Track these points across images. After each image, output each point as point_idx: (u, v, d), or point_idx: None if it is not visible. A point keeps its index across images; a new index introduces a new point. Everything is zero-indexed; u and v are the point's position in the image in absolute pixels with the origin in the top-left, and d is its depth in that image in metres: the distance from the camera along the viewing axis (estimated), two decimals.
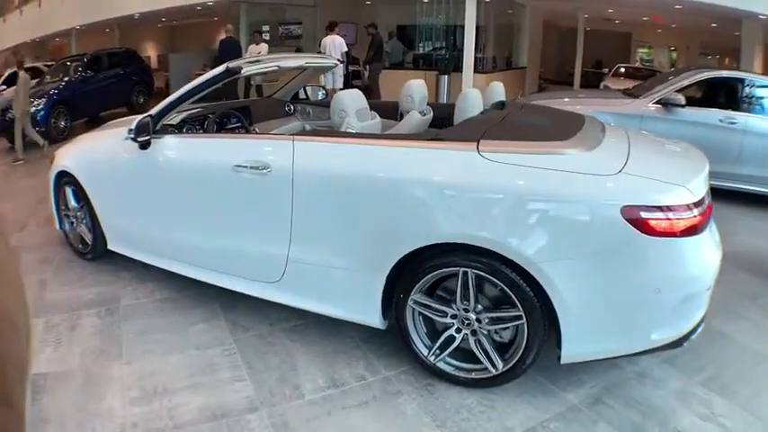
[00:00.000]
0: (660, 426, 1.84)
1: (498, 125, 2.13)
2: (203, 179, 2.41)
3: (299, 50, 11.56)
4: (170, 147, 2.56)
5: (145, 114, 2.55)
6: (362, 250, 2.03)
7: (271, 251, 2.25)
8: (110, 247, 3.01)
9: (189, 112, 2.95)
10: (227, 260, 2.45)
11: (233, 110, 3.15)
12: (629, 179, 1.77)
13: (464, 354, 2.03)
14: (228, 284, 2.51)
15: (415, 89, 2.85)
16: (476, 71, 8.72)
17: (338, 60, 3.29)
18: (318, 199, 2.09)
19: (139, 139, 2.48)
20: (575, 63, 14.78)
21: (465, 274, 1.88)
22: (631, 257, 1.74)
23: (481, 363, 1.98)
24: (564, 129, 2.11)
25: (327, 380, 2.11)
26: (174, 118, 2.76)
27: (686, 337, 1.87)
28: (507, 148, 1.88)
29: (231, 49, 8.12)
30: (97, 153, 2.94)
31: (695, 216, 1.75)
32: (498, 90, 2.77)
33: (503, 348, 1.97)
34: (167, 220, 2.62)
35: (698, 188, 1.83)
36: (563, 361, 1.88)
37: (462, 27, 9.44)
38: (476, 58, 8.80)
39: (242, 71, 2.47)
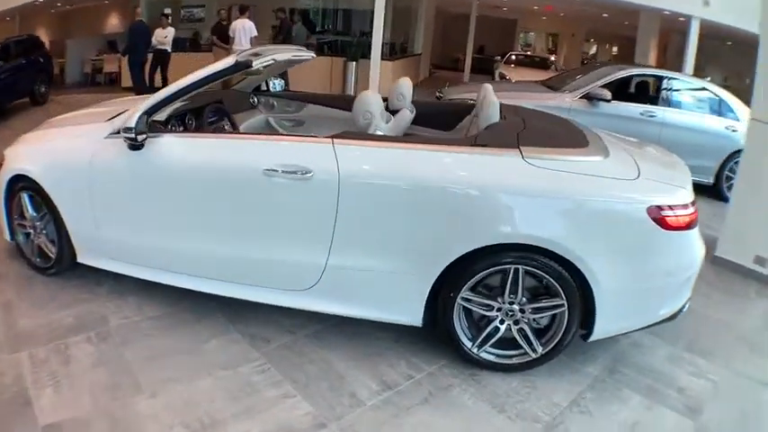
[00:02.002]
0: (667, 385, 2.24)
1: (525, 132, 2.30)
2: (222, 184, 2.23)
3: (196, 34, 11.04)
4: (174, 148, 2.32)
5: (139, 110, 2.26)
6: (414, 254, 2.09)
7: (306, 258, 2.19)
8: (80, 259, 2.68)
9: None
10: (247, 269, 2.32)
11: (213, 104, 2.90)
12: (649, 183, 2.09)
13: (504, 342, 2.22)
14: (244, 295, 2.38)
15: (405, 87, 2.92)
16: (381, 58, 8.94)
17: (313, 55, 3.16)
18: (368, 204, 2.08)
19: (140, 139, 2.20)
20: (462, 49, 15.67)
21: (516, 270, 2.07)
22: (652, 248, 2.07)
23: (520, 348, 2.19)
24: (576, 136, 2.38)
25: (379, 383, 2.15)
26: (159, 113, 2.48)
27: (680, 311, 2.29)
28: (546, 154, 2.07)
29: (141, 33, 7.64)
30: (67, 154, 2.54)
31: (692, 212, 2.13)
32: (491, 92, 2.93)
33: (540, 333, 2.22)
34: (168, 229, 2.38)
35: (690, 189, 2.23)
36: (591, 339, 2.19)
37: (364, 11, 9.57)
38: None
39: (253, 65, 2.31)
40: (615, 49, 18.90)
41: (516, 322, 2.17)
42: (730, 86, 5.84)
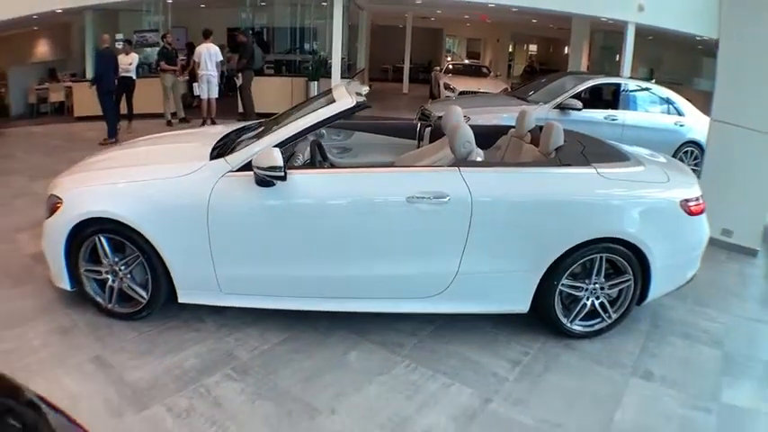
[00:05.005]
0: (695, 330, 3.25)
1: (586, 151, 3.12)
2: (366, 212, 2.75)
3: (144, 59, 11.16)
4: (311, 182, 2.78)
5: (275, 148, 2.65)
6: (529, 254, 2.80)
7: (440, 268, 2.80)
8: (182, 299, 2.93)
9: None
10: (384, 284, 2.85)
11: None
12: (677, 182, 3.07)
13: (586, 314, 3.04)
14: (375, 307, 2.93)
15: (459, 113, 3.64)
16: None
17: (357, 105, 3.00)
18: (496, 219, 2.74)
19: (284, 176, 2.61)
20: (389, 59, 17.23)
21: (601, 258, 2.92)
22: (683, 230, 3.03)
23: (599, 317, 3.04)
24: (616, 151, 3.30)
25: (508, 361, 2.84)
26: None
27: (693, 277, 3.34)
28: (611, 168, 2.94)
29: (109, 60, 7.86)
30: (173, 195, 2.78)
31: (703, 202, 3.16)
32: (532, 117, 3.68)
33: (611, 304, 3.05)
34: (306, 258, 2.80)
35: (698, 185, 3.21)
36: (643, 303, 3.14)
37: (313, 29, 10.30)
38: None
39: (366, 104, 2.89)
40: (534, 48, 21.43)
41: (597, 297, 3.02)
42: (657, 80, 7.49)
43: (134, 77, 8.54)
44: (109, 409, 2.32)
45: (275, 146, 2.72)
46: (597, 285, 2.99)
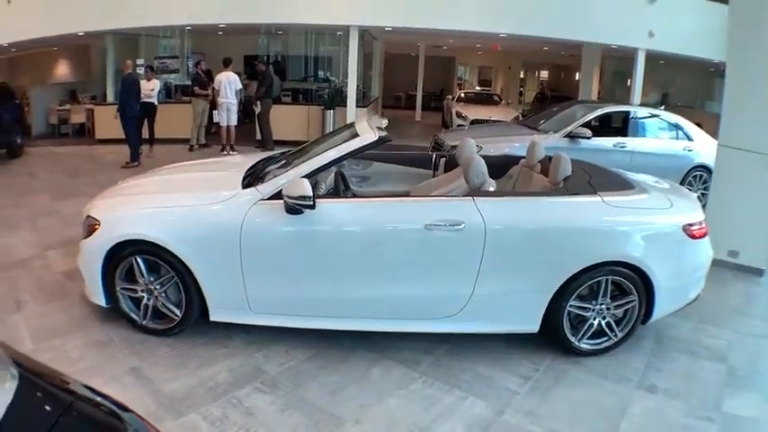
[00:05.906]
0: (698, 346, 3.46)
1: (592, 180, 3.38)
2: (386, 238, 3.04)
3: (166, 84, 11.77)
4: (337, 210, 3.08)
5: (304, 179, 2.95)
6: (542, 277, 3.06)
7: (456, 291, 3.07)
8: (213, 318, 3.19)
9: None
10: (404, 306, 3.12)
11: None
12: (680, 208, 3.32)
13: (593, 333, 3.28)
14: (395, 327, 3.20)
15: (473, 145, 3.95)
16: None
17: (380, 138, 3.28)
18: (508, 245, 3.02)
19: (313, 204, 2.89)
20: (401, 87, 18.11)
21: (607, 280, 3.18)
22: (686, 253, 3.28)
23: (606, 336, 3.28)
24: (621, 179, 3.56)
25: (519, 377, 3.09)
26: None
27: (698, 296, 3.56)
28: (615, 197, 3.21)
29: (132, 85, 8.22)
30: (207, 219, 3.07)
31: (705, 226, 3.38)
32: (542, 148, 3.98)
33: (617, 323, 3.29)
34: (330, 281, 3.08)
35: (701, 210, 3.46)
36: (648, 322, 3.38)
37: (327, 58, 10.96)
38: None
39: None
40: (545, 74, 22.02)
41: (604, 317, 3.27)
42: (670, 104, 7.72)
43: (156, 103, 8.97)
44: (147, 415, 2.44)
45: (303, 176, 3.04)
46: (603, 306, 3.24)
